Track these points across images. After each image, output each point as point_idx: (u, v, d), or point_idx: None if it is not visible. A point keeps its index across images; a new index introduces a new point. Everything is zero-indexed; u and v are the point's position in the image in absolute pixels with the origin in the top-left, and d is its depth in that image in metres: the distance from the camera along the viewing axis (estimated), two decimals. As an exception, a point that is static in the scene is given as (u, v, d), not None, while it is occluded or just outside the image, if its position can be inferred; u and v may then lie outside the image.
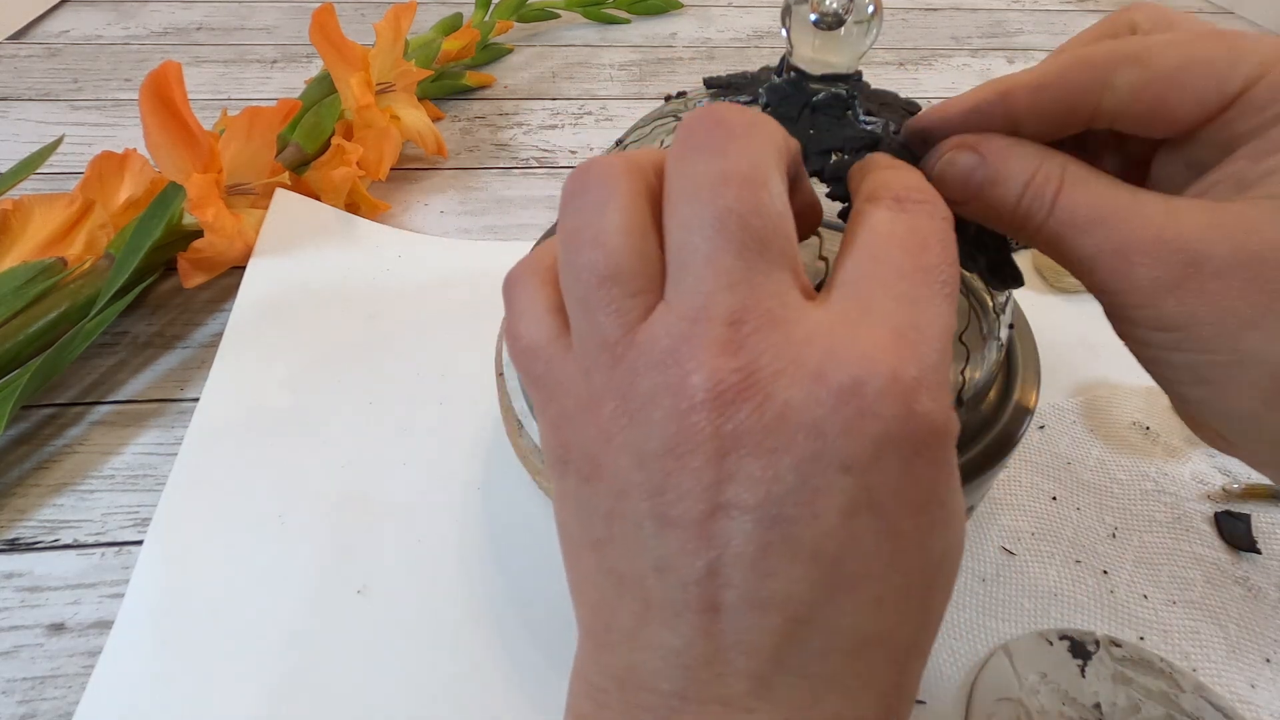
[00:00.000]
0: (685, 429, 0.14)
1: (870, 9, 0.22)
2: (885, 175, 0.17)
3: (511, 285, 0.18)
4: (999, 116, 0.19)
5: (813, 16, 0.22)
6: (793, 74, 0.23)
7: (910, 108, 0.24)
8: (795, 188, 0.18)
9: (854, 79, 0.23)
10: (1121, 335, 0.19)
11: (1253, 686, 0.28)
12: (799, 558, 0.14)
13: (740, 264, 0.14)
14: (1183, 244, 0.16)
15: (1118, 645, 0.28)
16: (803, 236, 0.19)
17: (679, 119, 0.27)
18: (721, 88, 0.26)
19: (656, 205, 0.16)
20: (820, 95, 0.22)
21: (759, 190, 0.14)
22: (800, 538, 0.13)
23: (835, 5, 0.21)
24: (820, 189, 0.21)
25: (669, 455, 0.14)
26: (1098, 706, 0.26)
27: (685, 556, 0.14)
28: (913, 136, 0.21)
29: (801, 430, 0.13)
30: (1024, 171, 0.18)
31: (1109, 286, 0.17)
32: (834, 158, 0.21)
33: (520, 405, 0.29)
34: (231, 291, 0.41)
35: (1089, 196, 0.17)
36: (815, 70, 0.23)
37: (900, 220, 0.16)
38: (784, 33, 0.23)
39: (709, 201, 0.14)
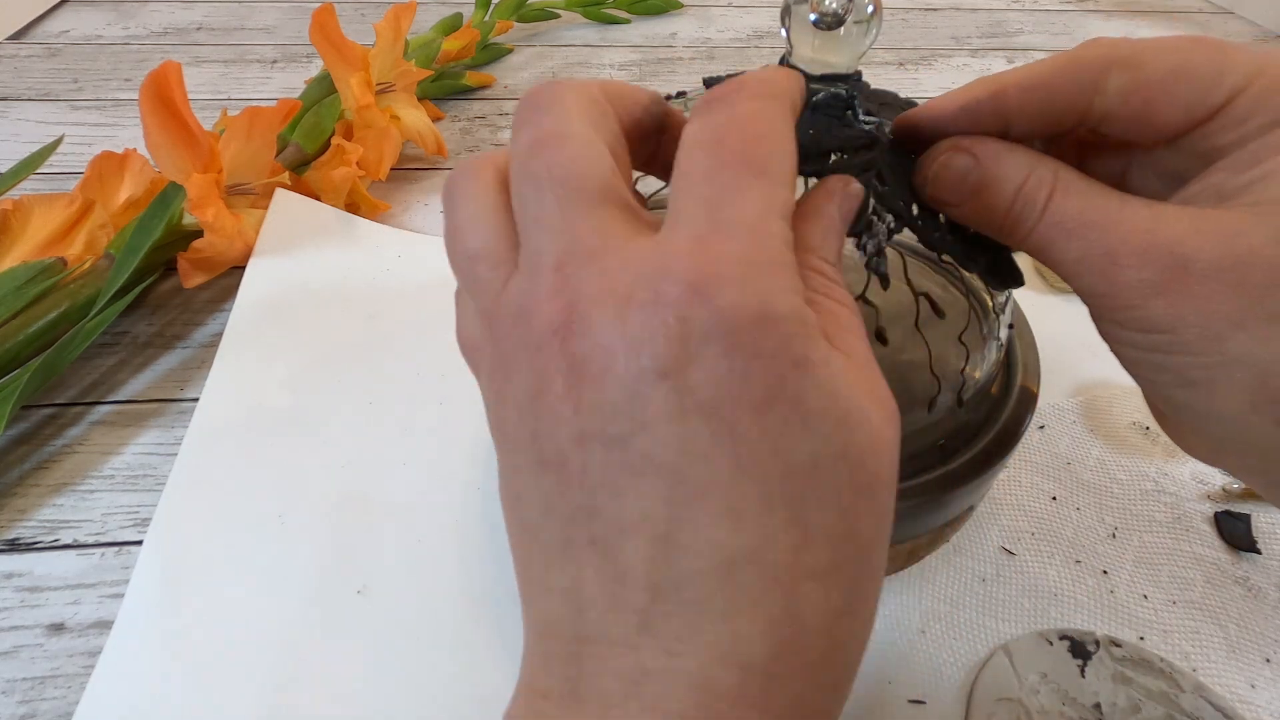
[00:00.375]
0: (539, 370, 0.15)
1: (870, 9, 0.22)
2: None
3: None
4: (990, 115, 0.19)
5: (812, 16, 0.22)
6: None
7: (910, 107, 0.24)
8: (636, 124, 0.19)
9: (854, 79, 0.23)
10: (1108, 339, 0.19)
11: (1253, 686, 0.28)
12: (644, 473, 0.14)
13: (559, 213, 0.15)
14: (1170, 247, 0.16)
15: (1118, 645, 0.28)
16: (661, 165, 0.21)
17: None
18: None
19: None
20: (820, 95, 0.22)
21: (564, 144, 0.16)
22: (638, 452, 0.14)
23: (835, 5, 0.21)
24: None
25: (535, 399, 0.15)
26: (1098, 706, 0.26)
27: (559, 493, 0.14)
28: (903, 132, 0.21)
29: (618, 349, 0.14)
30: (1017, 176, 0.18)
31: (1097, 290, 0.17)
32: (833, 158, 0.21)
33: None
34: (231, 291, 0.41)
35: (1079, 202, 0.18)
36: (815, 70, 0.23)
37: (702, 124, 0.16)
38: (784, 33, 0.23)
39: (526, 168, 0.16)
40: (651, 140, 0.20)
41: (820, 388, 0.14)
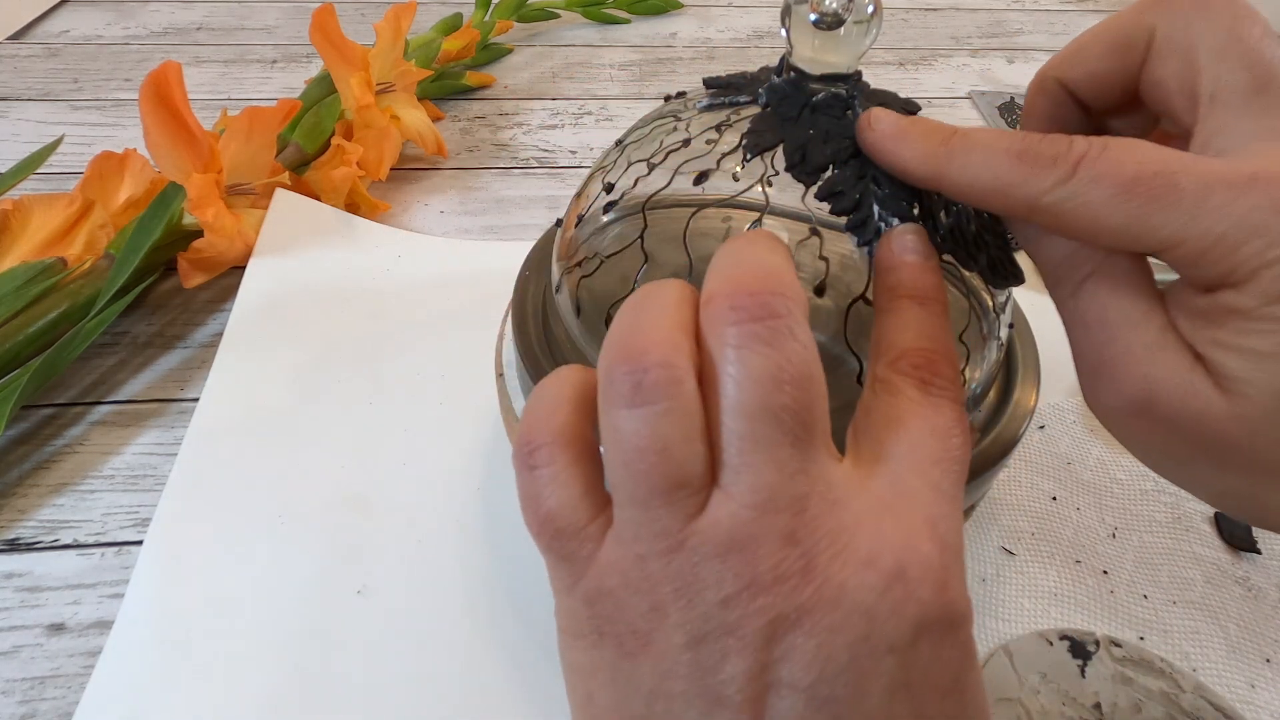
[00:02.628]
0: (749, 612, 0.14)
1: (870, 9, 0.22)
2: (905, 335, 0.18)
3: (533, 454, 0.17)
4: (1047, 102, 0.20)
5: (813, 16, 0.22)
6: (792, 74, 0.23)
7: (910, 107, 0.24)
8: None
9: (854, 79, 0.23)
10: (1186, 319, 0.16)
11: (1252, 686, 0.28)
12: None
13: (796, 454, 0.15)
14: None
15: (1118, 645, 0.28)
16: None
17: (679, 119, 0.27)
18: (721, 87, 0.26)
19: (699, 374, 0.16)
20: (820, 95, 0.22)
21: (813, 386, 0.15)
22: (846, 717, 0.14)
23: (835, 5, 0.21)
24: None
25: (729, 635, 0.15)
26: (1098, 707, 0.26)
27: None
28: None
29: (855, 612, 0.14)
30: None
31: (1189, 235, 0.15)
32: (830, 171, 0.21)
33: (520, 406, 0.29)
34: (231, 291, 0.41)
35: (1137, 154, 0.16)
36: (815, 70, 0.23)
37: (929, 404, 0.17)
38: (784, 33, 0.23)
39: (767, 397, 0.15)
40: None
41: (975, 679, 0.16)
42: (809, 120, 0.22)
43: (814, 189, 0.22)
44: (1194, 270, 0.15)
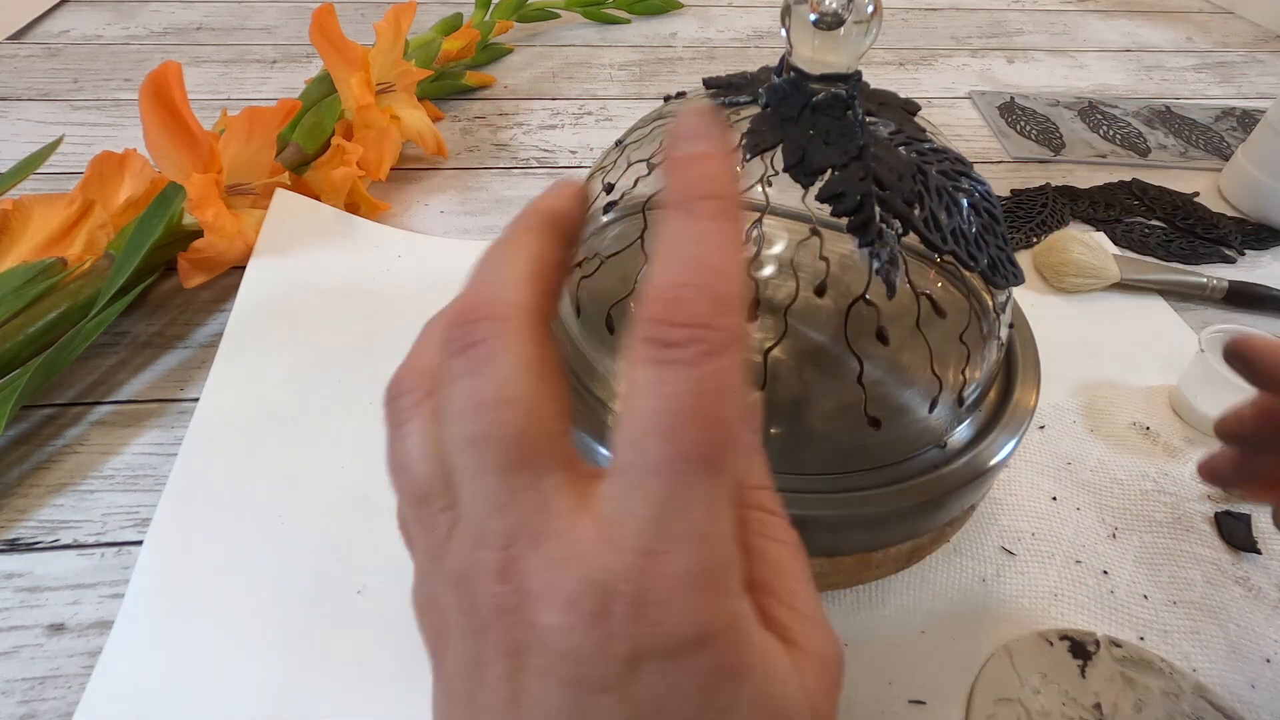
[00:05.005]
0: (480, 645, 0.15)
1: (870, 9, 0.22)
2: (658, 274, 0.15)
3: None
4: None
5: (813, 16, 0.22)
6: (792, 74, 0.23)
7: (909, 107, 0.24)
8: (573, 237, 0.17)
9: (854, 79, 0.23)
10: None
11: (1253, 687, 0.28)
12: None
13: (503, 484, 0.14)
14: None
15: (1118, 645, 0.28)
16: None
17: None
18: (721, 88, 0.26)
19: None
20: (820, 95, 0.22)
21: (510, 410, 0.15)
22: None
23: (835, 5, 0.21)
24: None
25: (475, 667, 0.15)
26: (1098, 707, 0.26)
27: None
28: (1234, 359, 0.22)
29: (561, 655, 0.14)
30: None
31: None
32: (830, 173, 0.21)
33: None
34: (231, 291, 0.41)
35: None
36: (815, 70, 0.23)
37: (660, 384, 0.14)
38: (784, 33, 0.23)
39: (466, 426, 0.15)
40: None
41: (754, 697, 0.14)
42: (809, 121, 0.22)
43: (815, 190, 0.22)
44: None
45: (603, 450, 0.26)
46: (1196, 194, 0.54)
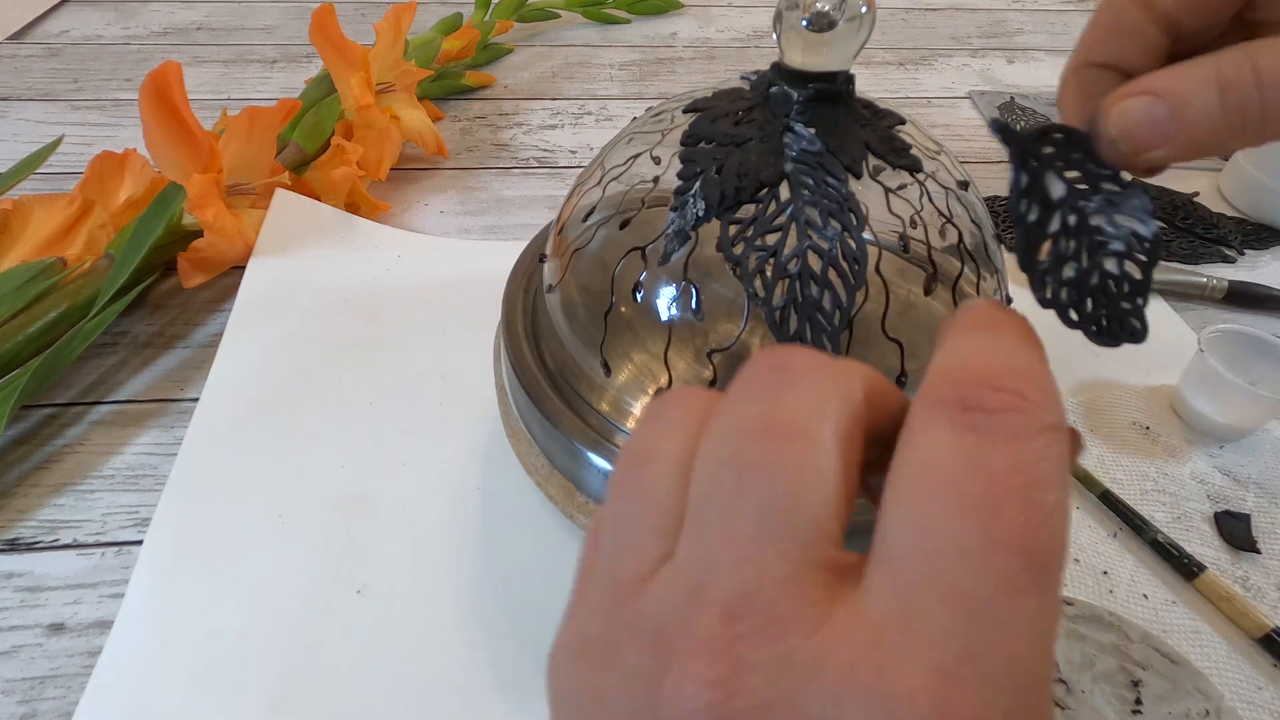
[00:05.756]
0: None
1: (863, 8, 0.22)
2: (957, 355, 0.12)
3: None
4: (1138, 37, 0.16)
5: (804, 20, 0.22)
6: (778, 83, 0.23)
7: (892, 120, 0.24)
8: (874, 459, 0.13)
9: (843, 77, 0.23)
10: None
11: (1259, 689, 0.28)
12: None
13: (755, 531, 0.11)
14: None
15: (1070, 604, 0.28)
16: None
17: (657, 117, 0.27)
18: (703, 110, 0.26)
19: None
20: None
21: (798, 443, 0.12)
22: None
23: (825, 7, 0.21)
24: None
25: None
26: (1054, 665, 0.26)
27: None
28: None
29: None
30: (1206, 75, 0.14)
31: None
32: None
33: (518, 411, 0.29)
34: (231, 291, 0.41)
35: None
36: (809, 68, 0.23)
37: (964, 452, 0.11)
38: (775, 37, 0.23)
39: (740, 447, 0.12)
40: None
41: None
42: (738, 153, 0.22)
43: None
44: None
45: (591, 455, 0.26)
46: (1196, 194, 0.54)
